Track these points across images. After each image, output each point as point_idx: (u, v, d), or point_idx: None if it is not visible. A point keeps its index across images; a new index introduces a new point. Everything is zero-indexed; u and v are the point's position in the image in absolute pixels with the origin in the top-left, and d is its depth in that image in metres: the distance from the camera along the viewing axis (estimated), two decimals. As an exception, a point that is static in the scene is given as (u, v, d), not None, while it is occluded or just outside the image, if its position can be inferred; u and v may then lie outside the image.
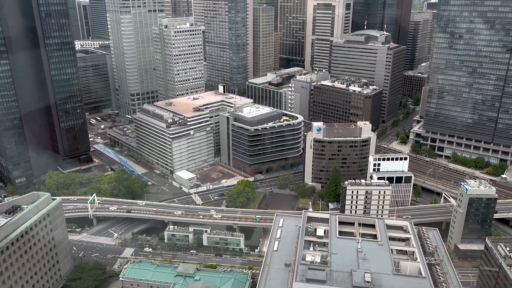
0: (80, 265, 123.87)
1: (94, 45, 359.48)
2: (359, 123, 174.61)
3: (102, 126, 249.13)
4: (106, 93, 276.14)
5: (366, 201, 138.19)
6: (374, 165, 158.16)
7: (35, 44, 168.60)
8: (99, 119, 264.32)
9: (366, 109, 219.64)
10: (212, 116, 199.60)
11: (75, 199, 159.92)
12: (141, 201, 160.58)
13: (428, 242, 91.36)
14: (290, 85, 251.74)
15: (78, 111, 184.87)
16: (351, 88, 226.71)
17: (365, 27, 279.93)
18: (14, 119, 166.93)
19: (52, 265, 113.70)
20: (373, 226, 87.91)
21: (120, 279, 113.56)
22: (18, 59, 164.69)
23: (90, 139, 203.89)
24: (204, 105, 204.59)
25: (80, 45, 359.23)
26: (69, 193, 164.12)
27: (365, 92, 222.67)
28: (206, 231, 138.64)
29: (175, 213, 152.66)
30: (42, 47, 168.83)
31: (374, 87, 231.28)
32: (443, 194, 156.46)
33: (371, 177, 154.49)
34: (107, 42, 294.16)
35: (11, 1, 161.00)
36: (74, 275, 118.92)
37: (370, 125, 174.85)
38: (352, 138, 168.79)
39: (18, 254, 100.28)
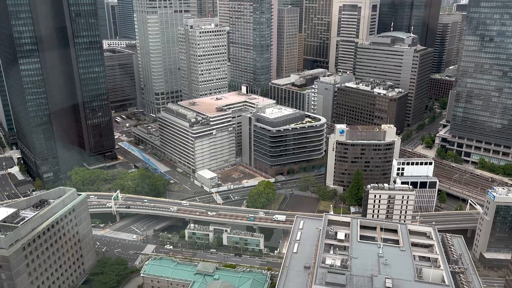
0: (102, 259, 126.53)
1: (121, 44, 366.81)
2: (383, 126, 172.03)
3: (127, 124, 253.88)
4: (131, 91, 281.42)
5: (388, 206, 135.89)
6: (398, 169, 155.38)
7: (65, 43, 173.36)
8: (125, 117, 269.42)
9: (390, 112, 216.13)
10: (235, 117, 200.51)
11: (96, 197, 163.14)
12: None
13: (452, 249, 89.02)
14: (313, 86, 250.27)
15: (105, 109, 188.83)
16: (376, 90, 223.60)
17: (392, 29, 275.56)
18: (44, 116, 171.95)
19: (76, 259, 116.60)
20: (395, 231, 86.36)
21: (141, 275, 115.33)
22: (48, 57, 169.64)
23: (115, 137, 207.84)
24: (227, 105, 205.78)
25: (108, 44, 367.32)
26: (93, 189, 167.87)
27: (390, 95, 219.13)
28: (226, 231, 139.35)
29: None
30: (71, 46, 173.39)
31: (400, 90, 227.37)
32: (469, 201, 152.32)
33: (395, 182, 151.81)
34: (134, 42, 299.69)
35: (43, 2, 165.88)
36: (97, 269, 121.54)
37: (395, 128, 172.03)
38: (376, 141, 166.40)
39: (44, 247, 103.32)
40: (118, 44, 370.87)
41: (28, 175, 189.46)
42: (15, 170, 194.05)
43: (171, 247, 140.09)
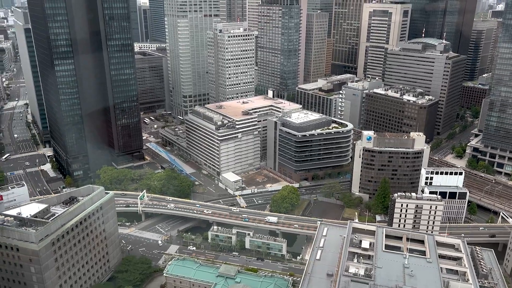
0: (127, 258, 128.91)
1: (151, 47, 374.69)
2: (412, 134, 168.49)
3: (155, 126, 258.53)
4: (160, 94, 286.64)
5: (416, 216, 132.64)
6: (426, 178, 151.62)
7: (98, 46, 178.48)
8: (153, 118, 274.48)
9: (420, 119, 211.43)
10: (260, 120, 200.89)
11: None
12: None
13: (482, 263, 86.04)
14: (341, 92, 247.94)
15: (134, 110, 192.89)
16: (405, 97, 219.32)
17: (423, 35, 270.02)
18: (76, 116, 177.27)
19: (102, 256, 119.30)
20: (422, 242, 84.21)
21: (164, 274, 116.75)
22: (81, 59, 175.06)
23: (143, 138, 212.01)
24: (253, 109, 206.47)
25: (139, 47, 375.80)
26: (121, 188, 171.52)
27: (420, 102, 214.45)
28: (249, 234, 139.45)
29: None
30: (104, 49, 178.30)
31: (430, 97, 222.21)
32: (501, 214, 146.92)
33: (423, 191, 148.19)
34: (164, 45, 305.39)
35: (79, 6, 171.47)
36: (122, 267, 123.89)
37: (424, 136, 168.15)
38: (404, 149, 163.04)
39: (72, 243, 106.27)
40: (149, 47, 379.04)
41: (60, 172, 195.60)
42: (47, 167, 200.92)
43: (194, 248, 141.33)
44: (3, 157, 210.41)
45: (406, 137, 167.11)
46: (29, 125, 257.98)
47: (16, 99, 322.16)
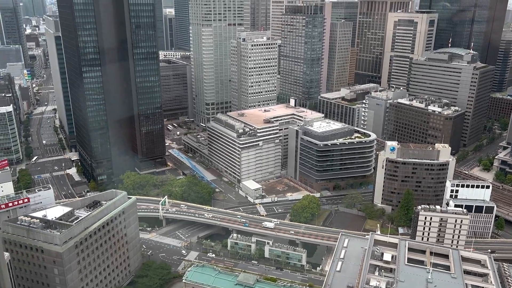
0: (147, 263, 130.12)
1: (176, 55, 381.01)
2: (437, 145, 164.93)
3: (178, 133, 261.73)
4: (184, 101, 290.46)
5: (440, 229, 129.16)
6: (452, 191, 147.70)
7: (124, 53, 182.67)
8: (176, 125, 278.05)
9: (445, 131, 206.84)
10: (282, 129, 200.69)
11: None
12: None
13: (509, 280, 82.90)
14: (364, 101, 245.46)
15: (158, 117, 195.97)
16: (431, 108, 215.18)
17: (449, 45, 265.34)
18: (101, 121, 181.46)
19: (123, 260, 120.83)
20: (446, 256, 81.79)
21: (183, 281, 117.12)
22: (108, 66, 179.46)
23: (166, 144, 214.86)
24: (274, 117, 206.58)
25: (164, 55, 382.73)
26: (143, 193, 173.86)
27: (445, 113, 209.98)
28: (268, 243, 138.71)
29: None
30: (130, 56, 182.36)
31: (456, 108, 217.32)
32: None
33: (447, 204, 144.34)
34: (188, 53, 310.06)
35: (107, 15, 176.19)
36: (142, 272, 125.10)
37: (450, 148, 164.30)
38: (429, 161, 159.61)
39: (94, 246, 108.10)
40: (174, 55, 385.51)
41: (84, 176, 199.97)
42: (72, 171, 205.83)
43: (214, 255, 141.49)
44: (32, 161, 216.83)
45: (431, 148, 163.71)
46: (56, 130, 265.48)
47: (46, 103, 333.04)
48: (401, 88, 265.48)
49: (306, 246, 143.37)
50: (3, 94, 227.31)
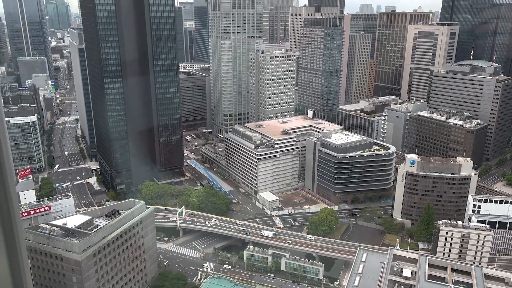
0: (164, 273, 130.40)
1: (195, 67, 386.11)
2: (458, 159, 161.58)
3: (196, 143, 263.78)
4: (202, 112, 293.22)
5: (462, 245, 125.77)
6: (474, 206, 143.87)
7: (145, 65, 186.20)
8: (194, 136, 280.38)
9: (467, 144, 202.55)
10: (299, 141, 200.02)
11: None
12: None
13: (536, 301, 79.77)
14: (383, 113, 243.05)
15: (177, 127, 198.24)
16: (452, 121, 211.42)
17: (471, 57, 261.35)
18: (121, 131, 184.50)
19: (140, 270, 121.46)
20: (468, 273, 79.43)
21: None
22: (129, 77, 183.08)
23: (184, 155, 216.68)
24: (292, 129, 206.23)
25: (183, 67, 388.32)
26: (161, 203, 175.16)
27: (467, 126, 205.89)
28: (285, 256, 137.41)
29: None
30: (150, 68, 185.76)
31: (478, 121, 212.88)
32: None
33: (470, 219, 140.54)
34: (208, 65, 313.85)
35: (129, 27, 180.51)
36: (158, 282, 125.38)
37: (471, 162, 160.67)
38: (450, 175, 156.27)
39: (112, 255, 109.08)
40: (193, 67, 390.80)
41: (104, 185, 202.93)
42: (92, 180, 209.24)
43: (230, 267, 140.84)
44: (54, 169, 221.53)
45: (452, 162, 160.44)
46: (78, 139, 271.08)
47: (68, 112, 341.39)
48: (421, 101, 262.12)
49: (324, 260, 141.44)
50: (28, 104, 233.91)
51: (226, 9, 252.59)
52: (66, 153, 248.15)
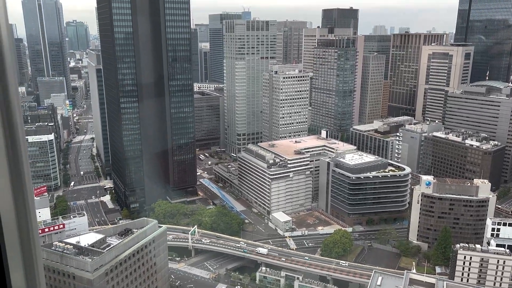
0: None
1: (210, 87, 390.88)
2: (475, 180, 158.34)
3: (209, 162, 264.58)
4: (216, 131, 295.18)
5: (481, 270, 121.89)
6: (493, 229, 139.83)
7: (160, 85, 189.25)
8: (207, 155, 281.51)
9: (484, 166, 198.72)
10: (313, 160, 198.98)
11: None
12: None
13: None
14: (398, 134, 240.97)
15: (190, 146, 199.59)
16: (468, 142, 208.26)
17: (487, 78, 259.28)
18: (136, 150, 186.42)
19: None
20: (489, 300, 76.69)
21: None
22: (144, 97, 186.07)
23: (197, 174, 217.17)
24: (305, 148, 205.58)
25: (198, 87, 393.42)
26: (173, 222, 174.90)
27: (484, 147, 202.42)
28: (298, 278, 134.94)
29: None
30: (165, 88, 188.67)
31: (495, 142, 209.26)
32: None
33: (488, 243, 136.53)
34: (222, 85, 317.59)
35: (145, 48, 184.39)
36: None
37: (489, 184, 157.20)
38: (467, 197, 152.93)
39: (124, 274, 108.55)
40: (207, 87, 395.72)
41: (117, 204, 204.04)
42: (106, 198, 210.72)
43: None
44: (69, 187, 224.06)
45: (469, 184, 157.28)
46: (93, 158, 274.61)
47: (85, 130, 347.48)
48: (436, 121, 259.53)
49: (338, 283, 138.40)
50: (46, 123, 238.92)
51: (240, 31, 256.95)
52: (82, 171, 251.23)
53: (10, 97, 5.45)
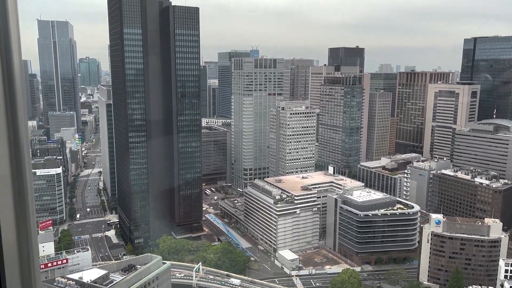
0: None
1: (217, 122, 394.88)
2: (486, 220, 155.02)
3: (215, 197, 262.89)
4: (223, 166, 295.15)
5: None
6: (506, 271, 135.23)
7: (169, 120, 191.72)
8: (214, 190, 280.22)
9: (495, 205, 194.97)
10: (320, 197, 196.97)
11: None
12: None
13: None
14: (406, 171, 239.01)
15: (197, 181, 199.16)
16: (477, 180, 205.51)
17: (494, 116, 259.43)
18: (142, 185, 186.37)
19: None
20: None
21: None
22: (153, 132, 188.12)
23: (203, 209, 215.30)
24: (312, 184, 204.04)
25: (206, 122, 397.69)
26: (178, 258, 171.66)
27: (494, 186, 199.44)
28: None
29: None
30: (174, 123, 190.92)
31: (506, 181, 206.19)
32: None
33: (502, 286, 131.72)
34: (229, 121, 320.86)
35: (155, 84, 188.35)
36: None
37: (501, 223, 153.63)
38: (478, 237, 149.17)
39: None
40: (215, 122, 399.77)
41: (122, 239, 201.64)
42: (111, 233, 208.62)
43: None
44: (74, 221, 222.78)
45: (479, 223, 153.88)
46: (99, 192, 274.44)
47: (93, 163, 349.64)
48: (445, 159, 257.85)
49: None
50: (55, 157, 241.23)
51: (248, 68, 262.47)
52: (88, 205, 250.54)
53: (19, 131, 5.55)
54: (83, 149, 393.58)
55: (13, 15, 5.38)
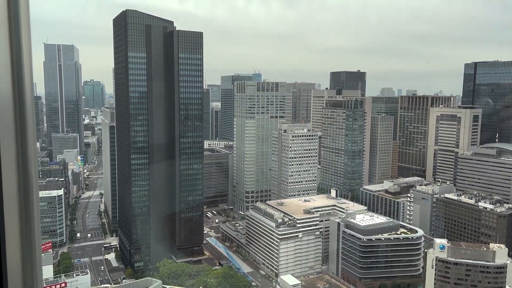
0: None
1: (220, 145, 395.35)
2: (491, 245, 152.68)
3: (217, 220, 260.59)
4: (224, 189, 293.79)
5: None
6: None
7: (171, 142, 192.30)
8: (215, 212, 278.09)
9: (500, 230, 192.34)
10: (322, 220, 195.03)
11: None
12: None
13: None
14: (409, 195, 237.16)
15: (198, 204, 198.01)
16: (481, 204, 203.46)
17: (496, 140, 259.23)
18: (144, 207, 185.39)
19: None
20: None
21: None
22: (155, 154, 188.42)
23: (204, 232, 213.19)
24: (315, 208, 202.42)
25: (208, 144, 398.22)
26: (178, 283, 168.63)
27: (498, 211, 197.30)
28: None
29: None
30: (176, 146, 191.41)
31: (510, 205, 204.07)
32: None
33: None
34: (231, 143, 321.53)
35: (158, 107, 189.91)
36: None
37: (506, 249, 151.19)
38: (484, 262, 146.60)
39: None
40: (217, 145, 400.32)
41: (122, 262, 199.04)
42: (111, 256, 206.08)
43: None
44: (74, 244, 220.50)
45: (484, 248, 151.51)
46: (100, 214, 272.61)
47: (95, 182, 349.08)
48: (448, 183, 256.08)
49: None
50: (56, 178, 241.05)
51: (251, 91, 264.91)
52: (88, 227, 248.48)
53: (28, 154, 5.60)
54: (85, 171, 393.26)
55: (26, 42, 5.51)
